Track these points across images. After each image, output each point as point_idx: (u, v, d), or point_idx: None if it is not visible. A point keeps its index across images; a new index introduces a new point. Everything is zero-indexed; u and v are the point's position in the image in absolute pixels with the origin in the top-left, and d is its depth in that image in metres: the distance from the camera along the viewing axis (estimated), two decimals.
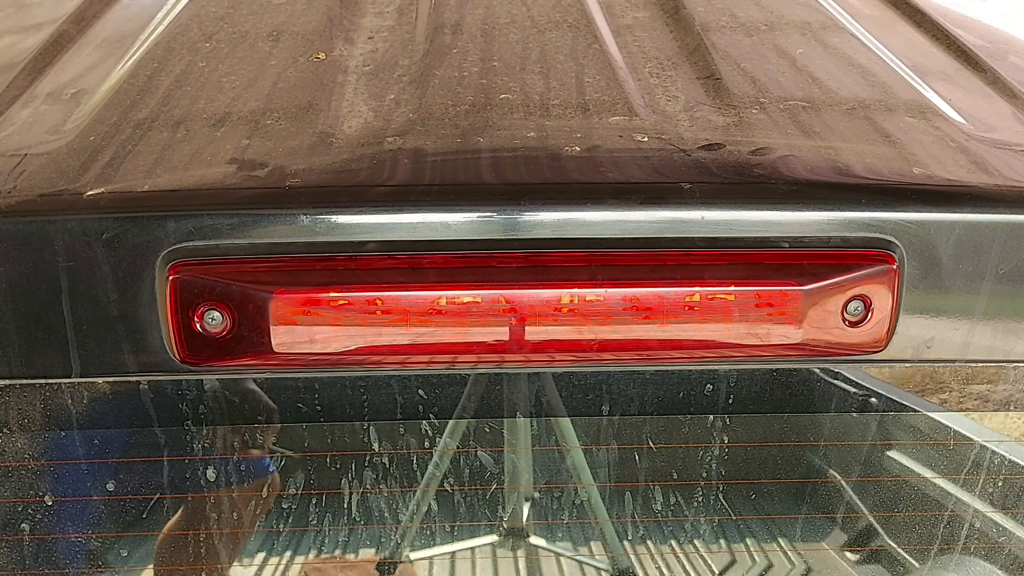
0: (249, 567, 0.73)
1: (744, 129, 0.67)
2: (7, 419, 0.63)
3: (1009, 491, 0.73)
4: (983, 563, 0.75)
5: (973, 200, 0.59)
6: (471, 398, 0.67)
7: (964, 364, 0.63)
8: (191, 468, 0.68)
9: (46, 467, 0.66)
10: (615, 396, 0.68)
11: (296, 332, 0.56)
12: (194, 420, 0.66)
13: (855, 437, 0.72)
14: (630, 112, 0.69)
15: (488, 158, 0.62)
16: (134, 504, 0.69)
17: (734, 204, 0.58)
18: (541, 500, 0.75)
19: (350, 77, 0.75)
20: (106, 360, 0.58)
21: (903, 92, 0.76)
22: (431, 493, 0.72)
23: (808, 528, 0.77)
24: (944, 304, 0.60)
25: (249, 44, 0.82)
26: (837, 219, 0.57)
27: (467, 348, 0.57)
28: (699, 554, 0.76)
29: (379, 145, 0.64)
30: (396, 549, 0.74)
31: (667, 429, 0.70)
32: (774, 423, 0.71)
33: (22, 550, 0.68)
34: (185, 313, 0.56)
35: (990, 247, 0.59)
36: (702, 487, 0.73)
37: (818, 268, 0.57)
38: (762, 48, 0.83)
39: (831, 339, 0.59)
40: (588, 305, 0.57)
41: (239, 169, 0.61)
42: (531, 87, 0.73)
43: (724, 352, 0.59)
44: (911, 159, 0.64)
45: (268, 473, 0.70)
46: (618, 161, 0.61)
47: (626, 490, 0.74)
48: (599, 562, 0.77)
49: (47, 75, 0.79)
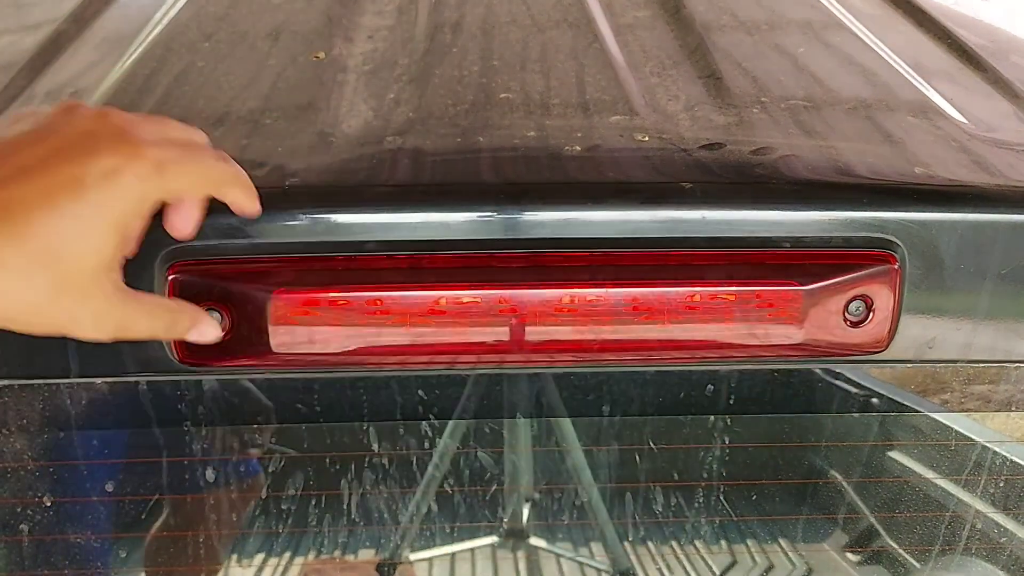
0: (248, 567, 0.73)
1: (745, 128, 0.67)
2: (5, 419, 0.63)
3: (1011, 492, 0.73)
4: (985, 564, 0.75)
5: (975, 200, 0.59)
6: (471, 399, 0.67)
7: (966, 364, 0.62)
8: (188, 469, 0.68)
9: (45, 467, 0.66)
10: (615, 397, 0.68)
11: (295, 332, 0.56)
12: (193, 420, 0.65)
13: (856, 438, 0.72)
14: (631, 111, 0.69)
15: (488, 157, 0.62)
16: (132, 505, 0.69)
17: (735, 204, 0.57)
18: (541, 501, 0.74)
19: (350, 76, 0.75)
20: (105, 360, 0.58)
21: (904, 91, 0.75)
22: (431, 494, 0.72)
23: (809, 529, 0.77)
24: (946, 304, 0.60)
25: (248, 44, 0.82)
26: (838, 219, 0.57)
27: (467, 348, 0.57)
28: (700, 555, 0.76)
29: (379, 144, 0.64)
30: (396, 550, 0.74)
31: (668, 430, 0.70)
32: (775, 424, 0.71)
33: (21, 551, 0.67)
34: None
35: (992, 247, 0.59)
36: (703, 488, 0.72)
37: (819, 268, 0.57)
38: (763, 47, 0.83)
39: (832, 339, 0.59)
40: (588, 305, 0.57)
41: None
42: (531, 86, 0.73)
43: (725, 352, 0.59)
44: (913, 159, 0.63)
45: (255, 474, 0.70)
46: (619, 160, 0.61)
47: (627, 491, 0.73)
48: (599, 563, 0.77)
49: (46, 74, 0.79)
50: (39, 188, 0.41)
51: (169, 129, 0.50)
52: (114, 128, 0.46)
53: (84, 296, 0.44)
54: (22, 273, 0.41)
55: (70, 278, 0.43)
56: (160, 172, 0.45)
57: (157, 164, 0.45)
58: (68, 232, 0.42)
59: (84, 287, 0.44)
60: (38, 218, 0.41)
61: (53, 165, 0.42)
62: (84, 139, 0.44)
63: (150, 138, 0.46)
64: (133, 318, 0.47)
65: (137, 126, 0.47)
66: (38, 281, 0.42)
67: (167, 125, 0.50)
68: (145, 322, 0.48)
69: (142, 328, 0.48)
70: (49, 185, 0.42)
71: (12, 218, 0.41)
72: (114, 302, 0.46)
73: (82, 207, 0.42)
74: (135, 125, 0.47)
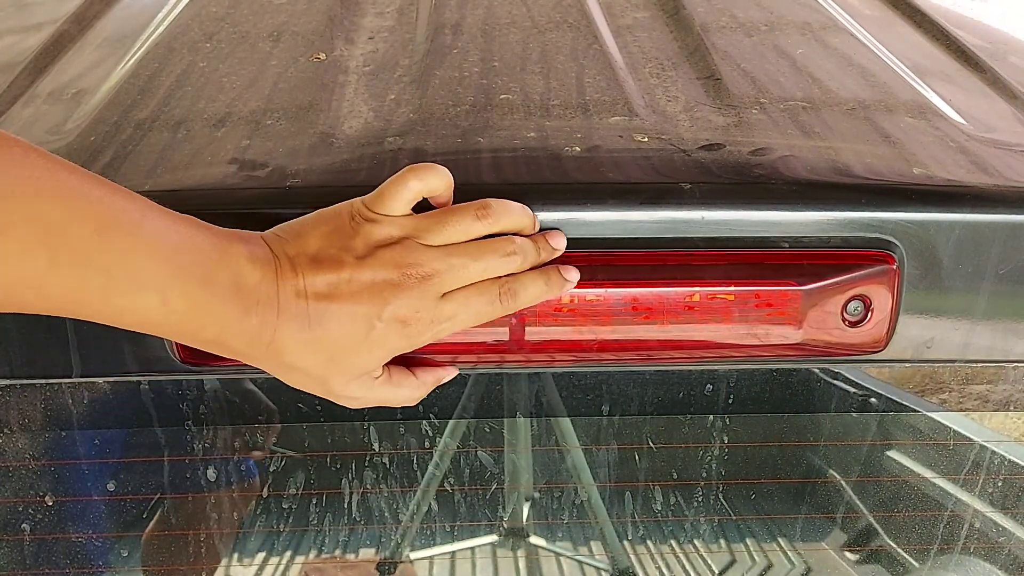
0: (250, 566, 0.74)
1: (744, 129, 0.67)
2: (7, 419, 0.63)
3: (1009, 491, 0.73)
4: (983, 563, 0.75)
5: (973, 200, 0.59)
6: (471, 398, 0.68)
7: (964, 364, 0.63)
8: (189, 468, 0.68)
9: (46, 467, 0.66)
10: (615, 396, 0.68)
11: None
12: (195, 420, 0.66)
13: (855, 437, 0.72)
14: (630, 112, 0.69)
15: (488, 158, 0.62)
16: (133, 504, 0.69)
17: (734, 204, 0.58)
18: (541, 500, 0.75)
19: (350, 77, 0.75)
20: (106, 360, 0.58)
21: (903, 92, 0.76)
22: (431, 493, 0.72)
23: (808, 528, 0.77)
24: (944, 304, 0.60)
25: (250, 44, 0.82)
26: (837, 219, 0.57)
27: (467, 348, 0.57)
28: (699, 554, 0.76)
29: (379, 145, 0.64)
30: (396, 549, 0.74)
31: (667, 429, 0.70)
32: (774, 423, 0.71)
33: (23, 549, 0.68)
34: None
35: (990, 247, 0.59)
36: (702, 487, 0.73)
37: (818, 268, 0.57)
38: (762, 48, 0.83)
39: (831, 339, 0.59)
40: (588, 305, 0.57)
41: (239, 169, 0.61)
42: (531, 87, 0.73)
43: (724, 352, 0.59)
44: (911, 159, 0.64)
45: (252, 476, 0.70)
46: (618, 161, 0.61)
47: (626, 490, 0.74)
48: (599, 562, 0.77)
49: (48, 75, 0.79)
50: (339, 312, 0.49)
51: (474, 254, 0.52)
52: (418, 279, 0.50)
53: (345, 387, 0.52)
54: (307, 361, 0.50)
55: (340, 375, 0.51)
56: (451, 323, 0.52)
57: (449, 318, 0.51)
58: (351, 351, 0.50)
59: (346, 384, 0.52)
60: (334, 332, 0.49)
61: (356, 298, 0.49)
62: (386, 288, 0.49)
63: (448, 287, 0.51)
64: (386, 399, 0.55)
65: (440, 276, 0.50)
66: (317, 373, 0.51)
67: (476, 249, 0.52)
68: (401, 396, 0.56)
69: (400, 400, 0.56)
70: (349, 314, 0.49)
71: (314, 323, 0.49)
72: (371, 389, 0.54)
73: (367, 345, 0.50)
74: (437, 274, 0.50)
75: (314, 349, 0.49)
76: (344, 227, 0.50)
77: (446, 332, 0.52)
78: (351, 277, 0.49)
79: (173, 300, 0.45)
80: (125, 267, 0.43)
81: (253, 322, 0.47)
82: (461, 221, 0.51)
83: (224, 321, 0.47)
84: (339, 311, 0.49)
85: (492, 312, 0.52)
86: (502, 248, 0.52)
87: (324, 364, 0.50)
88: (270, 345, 0.49)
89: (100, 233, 0.42)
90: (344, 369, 0.51)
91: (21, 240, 0.40)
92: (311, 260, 0.49)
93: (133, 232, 0.43)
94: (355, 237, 0.49)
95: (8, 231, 0.40)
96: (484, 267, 0.51)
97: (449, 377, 0.57)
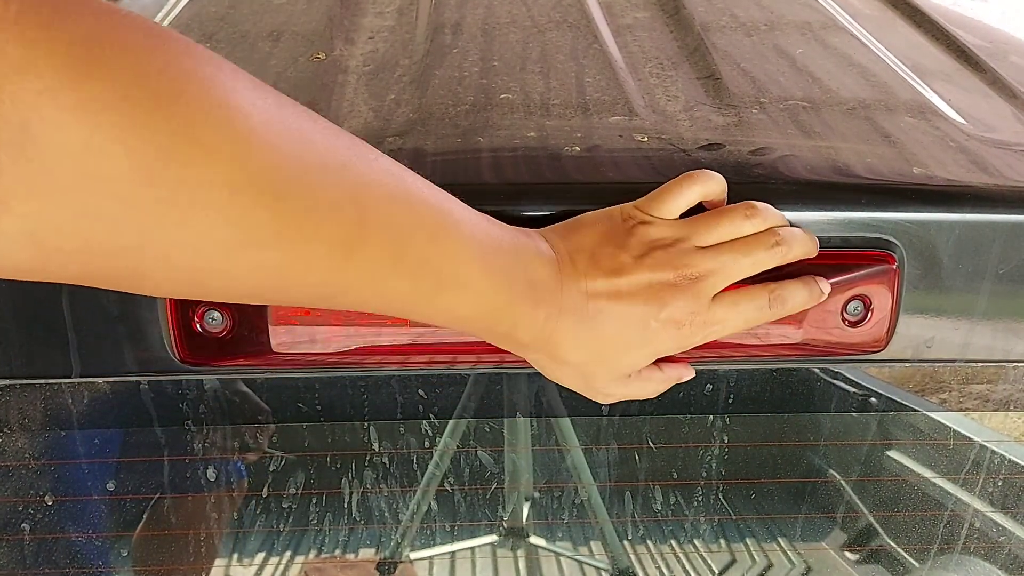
0: (250, 566, 0.74)
1: (744, 129, 0.67)
2: (7, 419, 0.63)
3: (1009, 491, 0.73)
4: (983, 563, 0.75)
5: (973, 200, 0.59)
6: (471, 398, 0.68)
7: (964, 364, 0.63)
8: (189, 468, 0.68)
9: (46, 466, 0.66)
10: None
11: (296, 332, 0.57)
12: (194, 420, 0.66)
13: (855, 437, 0.72)
14: (630, 112, 0.69)
15: (488, 158, 0.62)
16: (133, 504, 0.69)
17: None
18: (541, 500, 0.75)
19: (350, 77, 0.75)
20: (106, 360, 0.58)
21: (903, 92, 0.76)
22: (431, 493, 0.72)
23: (808, 528, 0.77)
24: (944, 304, 0.60)
25: (249, 44, 0.82)
26: (837, 219, 0.57)
27: (467, 348, 0.57)
28: (699, 554, 0.76)
29: (379, 145, 0.64)
30: (396, 549, 0.74)
31: (667, 429, 0.70)
32: (774, 423, 0.71)
33: (22, 549, 0.68)
34: (185, 313, 0.56)
35: (990, 247, 0.59)
36: (702, 487, 0.73)
37: (818, 268, 0.57)
38: (762, 48, 0.83)
39: (831, 339, 0.59)
40: None
41: None
42: (531, 87, 0.73)
43: (724, 352, 0.59)
44: (911, 159, 0.64)
45: (241, 477, 0.70)
46: (618, 161, 0.61)
47: (626, 490, 0.74)
48: (599, 562, 0.77)
49: None
50: (617, 311, 0.49)
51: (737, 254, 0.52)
52: (692, 281, 0.50)
53: (607, 384, 0.53)
54: (579, 356, 0.51)
55: (606, 373, 0.52)
56: (721, 327, 0.52)
57: (720, 321, 0.51)
58: (622, 350, 0.51)
59: (609, 381, 0.53)
60: (609, 330, 0.50)
61: (634, 298, 0.49)
62: (664, 290, 0.50)
63: (719, 286, 0.51)
64: (634, 394, 0.56)
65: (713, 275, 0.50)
66: (585, 369, 0.52)
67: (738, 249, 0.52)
68: (648, 391, 0.56)
69: (645, 394, 0.56)
70: (626, 314, 0.49)
71: (592, 320, 0.49)
72: (626, 385, 0.54)
73: (638, 344, 0.51)
74: (710, 274, 0.50)
75: (588, 346, 0.50)
76: (618, 228, 0.51)
77: (714, 336, 0.52)
78: (630, 277, 0.49)
79: (485, 298, 0.46)
80: (454, 270, 0.44)
81: (540, 316, 0.48)
82: (732, 222, 0.52)
83: (518, 315, 0.48)
84: (617, 310, 0.49)
85: (760, 317, 0.53)
86: (768, 240, 0.52)
87: (594, 361, 0.51)
88: (549, 339, 0.49)
89: (434, 237, 0.43)
90: (612, 367, 0.52)
91: (377, 246, 0.40)
92: (590, 257, 0.50)
93: (458, 235, 0.44)
94: (631, 237, 0.50)
95: (371, 238, 0.40)
96: (753, 262, 0.52)
97: (688, 376, 0.57)
